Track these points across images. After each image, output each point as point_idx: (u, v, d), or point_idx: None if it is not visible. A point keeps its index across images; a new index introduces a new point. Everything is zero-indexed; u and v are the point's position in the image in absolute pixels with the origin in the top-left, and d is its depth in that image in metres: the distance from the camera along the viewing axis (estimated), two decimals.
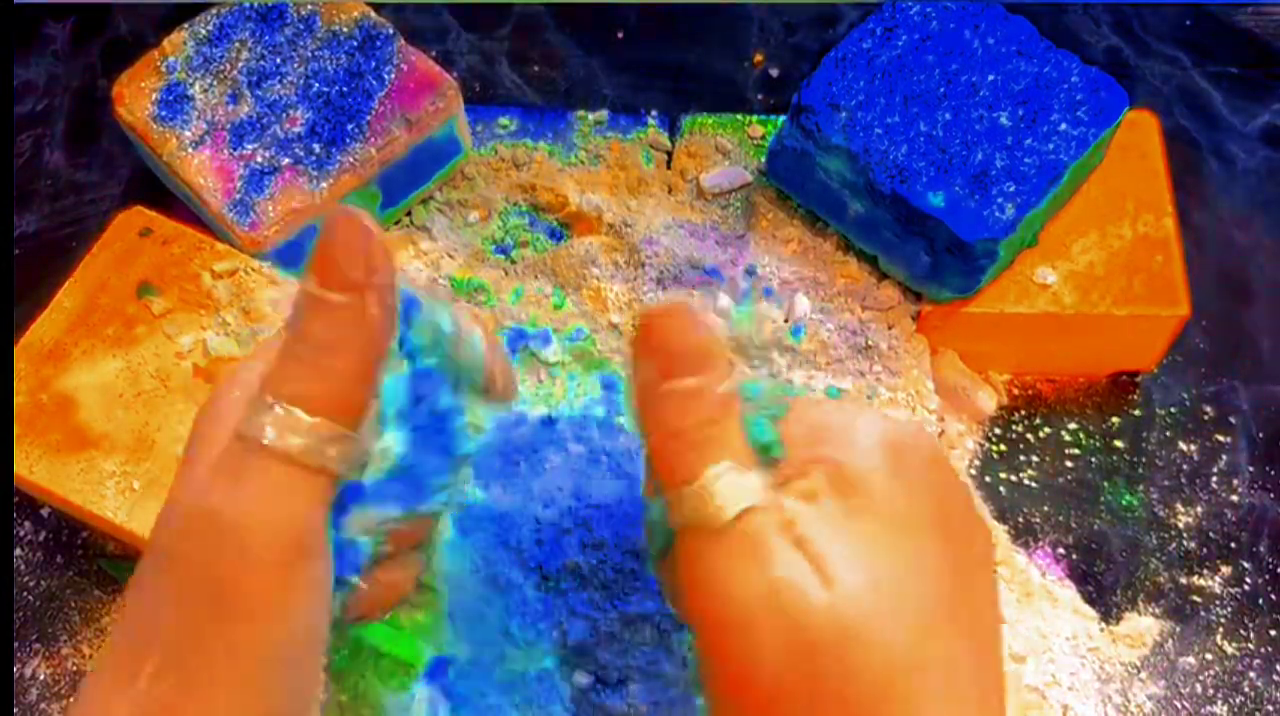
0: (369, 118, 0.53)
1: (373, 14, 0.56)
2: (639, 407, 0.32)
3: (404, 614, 0.45)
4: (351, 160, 0.53)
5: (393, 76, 0.54)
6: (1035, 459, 0.54)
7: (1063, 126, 0.50)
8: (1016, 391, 0.56)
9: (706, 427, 0.30)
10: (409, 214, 0.58)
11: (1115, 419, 0.55)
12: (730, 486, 0.30)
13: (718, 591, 0.30)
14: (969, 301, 0.52)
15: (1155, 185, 0.54)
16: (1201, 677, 0.49)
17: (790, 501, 0.30)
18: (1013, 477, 0.54)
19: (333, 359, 0.30)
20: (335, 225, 0.30)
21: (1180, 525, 0.52)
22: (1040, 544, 0.52)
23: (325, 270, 0.30)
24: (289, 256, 0.52)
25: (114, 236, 0.51)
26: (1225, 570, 0.51)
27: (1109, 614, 0.50)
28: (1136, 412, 0.55)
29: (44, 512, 0.53)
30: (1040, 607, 0.50)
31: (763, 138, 0.59)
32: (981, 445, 0.54)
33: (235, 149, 0.53)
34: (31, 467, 0.46)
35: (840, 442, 0.31)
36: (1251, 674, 0.49)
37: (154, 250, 0.50)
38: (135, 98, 0.54)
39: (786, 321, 0.53)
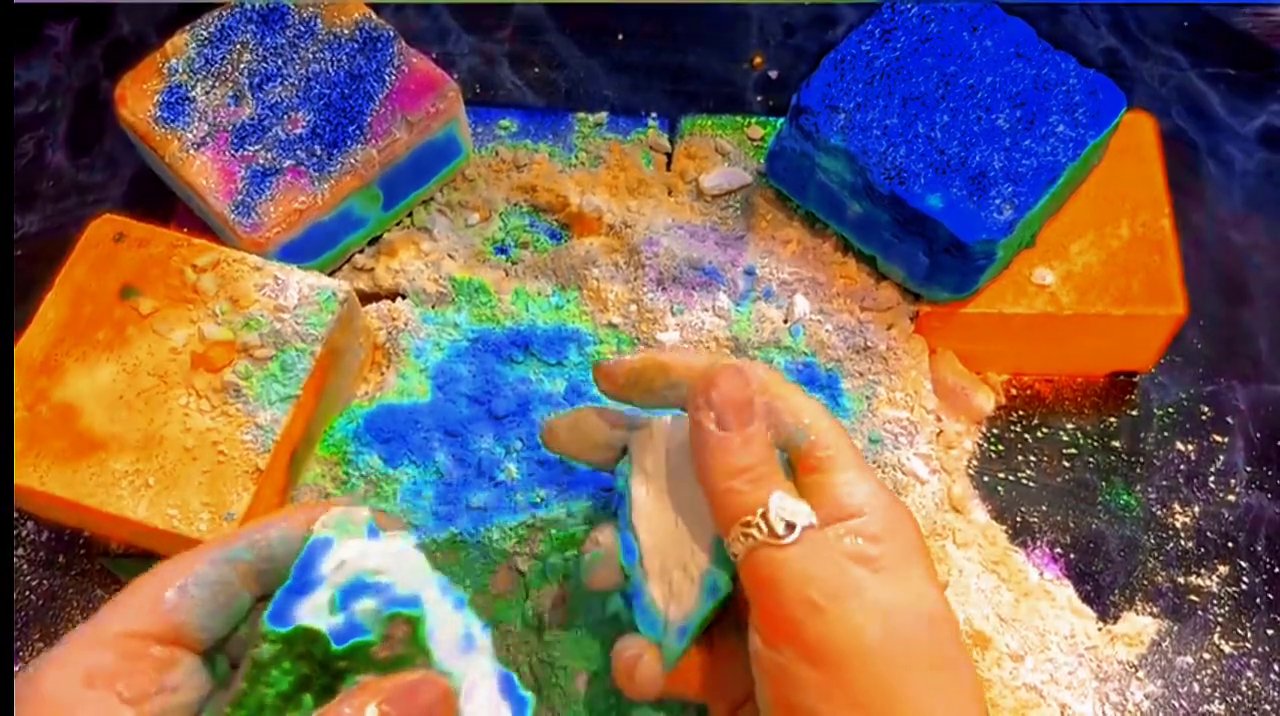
0: (370, 119, 0.54)
1: (373, 16, 0.56)
2: (697, 455, 0.37)
3: None
4: (353, 162, 0.53)
5: (393, 78, 0.55)
6: (1033, 459, 0.54)
7: (1060, 128, 0.50)
8: (1014, 391, 0.56)
9: (759, 467, 0.35)
10: (410, 215, 0.58)
11: (1113, 419, 0.55)
12: (790, 510, 0.34)
13: (795, 586, 0.34)
14: (967, 302, 0.52)
15: (1152, 186, 0.54)
16: (1199, 676, 0.49)
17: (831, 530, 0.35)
18: (1010, 477, 0.54)
19: None
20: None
21: (1178, 525, 0.52)
22: (1038, 543, 0.52)
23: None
24: (290, 257, 0.52)
25: (88, 246, 0.50)
26: (1222, 569, 0.51)
27: (1107, 613, 0.50)
28: (1134, 413, 0.55)
29: None
30: (1038, 607, 0.50)
31: (762, 139, 0.59)
32: (979, 445, 0.54)
33: (237, 150, 0.53)
34: (42, 478, 0.46)
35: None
36: (1249, 673, 0.49)
37: (130, 254, 0.50)
38: (137, 99, 0.54)
39: (786, 322, 0.53)
